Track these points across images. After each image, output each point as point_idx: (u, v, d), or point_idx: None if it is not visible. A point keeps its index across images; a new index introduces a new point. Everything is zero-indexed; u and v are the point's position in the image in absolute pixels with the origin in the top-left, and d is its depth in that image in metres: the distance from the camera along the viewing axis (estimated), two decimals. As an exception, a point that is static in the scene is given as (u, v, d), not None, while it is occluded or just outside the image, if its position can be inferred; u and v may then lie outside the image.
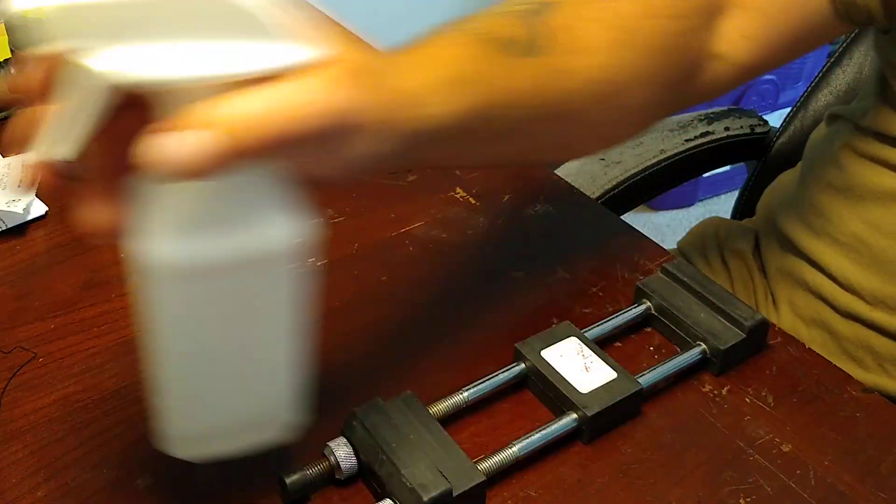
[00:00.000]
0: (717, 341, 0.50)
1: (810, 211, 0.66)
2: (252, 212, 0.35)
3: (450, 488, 0.41)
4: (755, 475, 0.46)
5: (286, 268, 0.36)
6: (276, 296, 0.37)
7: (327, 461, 0.44)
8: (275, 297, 0.37)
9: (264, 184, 0.35)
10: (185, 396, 0.39)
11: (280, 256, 0.36)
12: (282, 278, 0.36)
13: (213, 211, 0.34)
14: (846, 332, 0.64)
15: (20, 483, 0.44)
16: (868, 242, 0.61)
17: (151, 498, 0.44)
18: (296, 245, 0.36)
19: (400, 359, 0.52)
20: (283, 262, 0.36)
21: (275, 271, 0.36)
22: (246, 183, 0.34)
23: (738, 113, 0.95)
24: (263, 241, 0.35)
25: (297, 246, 0.36)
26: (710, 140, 0.91)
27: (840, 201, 0.64)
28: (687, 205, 2.03)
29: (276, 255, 0.36)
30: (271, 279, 0.36)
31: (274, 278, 0.36)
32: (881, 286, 0.61)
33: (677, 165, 0.89)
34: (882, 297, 0.61)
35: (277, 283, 0.37)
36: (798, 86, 1.96)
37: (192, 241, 0.34)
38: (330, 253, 0.60)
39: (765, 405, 0.49)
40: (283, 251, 0.36)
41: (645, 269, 0.60)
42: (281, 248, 0.35)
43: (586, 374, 0.48)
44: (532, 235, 0.63)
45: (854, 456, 0.47)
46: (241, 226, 0.34)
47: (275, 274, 0.36)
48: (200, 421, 0.40)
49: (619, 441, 0.47)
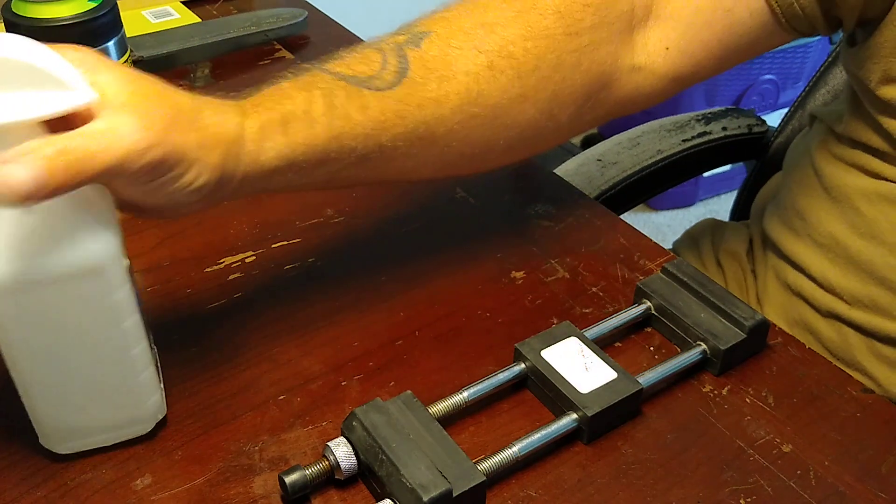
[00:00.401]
0: (717, 341, 0.50)
1: (791, 212, 0.67)
2: (71, 231, 0.39)
3: (450, 488, 0.41)
4: (755, 475, 0.46)
5: (109, 278, 0.40)
6: (105, 303, 0.41)
7: (327, 461, 0.44)
8: (104, 304, 0.41)
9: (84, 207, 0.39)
10: (45, 398, 0.43)
11: (99, 269, 0.40)
12: (106, 288, 0.41)
13: (35, 233, 0.38)
14: (827, 332, 0.64)
15: (20, 483, 0.44)
16: (845, 243, 0.62)
17: (151, 498, 0.44)
18: (114, 258, 0.40)
19: (400, 359, 0.52)
20: (104, 274, 0.40)
21: (98, 282, 0.40)
22: (66, 207, 0.38)
23: (736, 113, 0.95)
24: (83, 256, 0.39)
25: (115, 258, 0.40)
26: (707, 140, 0.91)
27: (818, 202, 0.64)
28: (687, 205, 2.03)
29: (96, 268, 0.40)
30: (96, 289, 0.40)
31: (98, 288, 0.40)
32: (859, 286, 0.61)
33: (675, 166, 0.89)
34: (860, 297, 0.61)
35: (103, 293, 0.41)
36: (799, 86, 1.96)
37: (16, 261, 0.38)
38: (330, 253, 0.60)
39: (765, 405, 0.49)
40: (101, 265, 0.40)
41: (645, 269, 0.60)
42: (99, 262, 0.39)
43: (586, 374, 0.48)
44: (532, 235, 0.63)
45: (854, 456, 0.47)
46: (62, 244, 0.39)
47: (98, 284, 0.40)
48: (64, 419, 0.44)
49: (619, 441, 0.47)
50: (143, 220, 0.58)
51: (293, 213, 0.64)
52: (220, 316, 0.55)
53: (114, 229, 0.40)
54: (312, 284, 0.58)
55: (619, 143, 0.90)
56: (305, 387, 0.50)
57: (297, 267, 0.59)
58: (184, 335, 0.53)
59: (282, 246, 0.61)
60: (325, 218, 0.64)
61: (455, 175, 0.64)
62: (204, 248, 0.61)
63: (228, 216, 0.64)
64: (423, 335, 0.54)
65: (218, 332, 0.54)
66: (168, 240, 0.61)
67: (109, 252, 0.40)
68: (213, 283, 0.57)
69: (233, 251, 0.60)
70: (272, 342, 0.53)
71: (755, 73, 1.90)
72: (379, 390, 0.50)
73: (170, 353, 0.52)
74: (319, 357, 0.52)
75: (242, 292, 0.57)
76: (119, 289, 0.41)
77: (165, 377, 0.49)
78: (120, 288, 0.41)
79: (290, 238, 0.62)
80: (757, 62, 1.88)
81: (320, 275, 0.58)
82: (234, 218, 0.63)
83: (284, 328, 0.54)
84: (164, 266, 0.59)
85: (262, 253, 0.60)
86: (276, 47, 0.87)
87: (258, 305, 0.56)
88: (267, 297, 0.56)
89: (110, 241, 0.40)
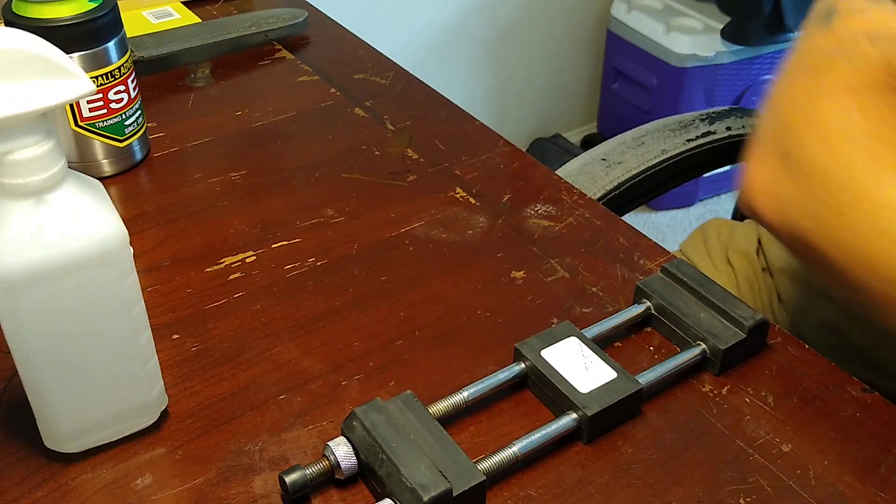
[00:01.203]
0: (717, 341, 0.50)
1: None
2: (83, 220, 0.39)
3: (450, 488, 0.41)
4: (755, 475, 0.46)
5: (121, 264, 0.41)
6: (116, 290, 0.41)
7: (327, 461, 0.44)
8: (116, 291, 0.41)
9: (92, 196, 0.40)
10: (56, 393, 0.43)
11: (113, 255, 0.40)
12: (119, 274, 0.41)
13: (48, 223, 0.38)
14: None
15: (20, 483, 0.44)
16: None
17: (152, 498, 0.44)
18: (124, 243, 0.41)
19: (400, 359, 0.52)
20: (117, 260, 0.41)
21: (111, 268, 0.41)
22: (76, 196, 0.39)
23: (740, 112, 0.95)
24: (97, 242, 0.39)
25: (126, 244, 0.41)
26: (711, 140, 0.91)
27: None
28: (687, 205, 2.03)
29: (110, 254, 0.40)
30: (109, 276, 0.41)
31: (111, 275, 0.41)
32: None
33: (679, 165, 0.89)
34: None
35: (115, 279, 0.41)
36: (798, 86, 1.95)
37: (31, 252, 0.38)
38: (330, 253, 0.60)
39: (765, 405, 0.49)
40: (114, 251, 0.40)
41: (645, 269, 0.60)
42: (112, 249, 0.40)
43: (586, 373, 0.48)
44: (532, 235, 0.63)
45: (854, 456, 0.47)
46: (76, 232, 0.39)
47: (111, 271, 0.41)
48: (75, 416, 0.44)
49: (619, 441, 0.47)
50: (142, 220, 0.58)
51: (293, 213, 0.64)
52: (220, 316, 0.55)
53: (118, 216, 0.41)
54: (312, 284, 0.58)
55: (623, 143, 0.90)
56: (305, 387, 0.50)
57: (297, 267, 0.59)
58: (184, 335, 0.53)
59: (282, 246, 0.61)
60: (325, 218, 0.64)
61: None
62: (204, 248, 0.61)
63: (228, 216, 0.64)
64: (423, 335, 0.54)
65: (218, 332, 0.54)
66: (168, 240, 0.61)
67: (120, 238, 0.40)
68: (213, 283, 0.57)
69: (233, 251, 0.60)
70: (272, 342, 0.53)
71: (755, 73, 1.90)
72: (379, 390, 0.50)
73: (170, 353, 0.52)
74: (319, 357, 0.52)
75: (242, 292, 0.57)
76: (129, 275, 0.42)
77: (166, 377, 0.49)
78: (130, 274, 0.42)
79: (290, 238, 0.62)
80: (757, 62, 1.88)
81: (320, 275, 0.59)
82: (234, 218, 0.63)
83: (284, 328, 0.54)
84: (164, 266, 0.59)
85: (262, 253, 0.60)
86: (276, 47, 0.87)
87: (258, 305, 0.56)
88: (267, 297, 0.56)
89: (120, 227, 0.40)
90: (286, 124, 0.75)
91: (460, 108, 0.78)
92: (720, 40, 1.82)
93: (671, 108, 1.90)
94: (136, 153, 0.69)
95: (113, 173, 0.68)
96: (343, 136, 0.74)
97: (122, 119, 0.66)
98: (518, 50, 2.04)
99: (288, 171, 0.69)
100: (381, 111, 0.77)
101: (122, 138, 0.67)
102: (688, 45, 1.84)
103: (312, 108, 0.78)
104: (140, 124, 0.69)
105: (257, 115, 0.76)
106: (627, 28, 1.96)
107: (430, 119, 0.76)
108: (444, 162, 0.70)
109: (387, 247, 0.61)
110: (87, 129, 0.65)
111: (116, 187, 0.67)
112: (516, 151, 0.72)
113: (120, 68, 0.65)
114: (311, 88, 0.81)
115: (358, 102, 0.78)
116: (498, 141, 0.74)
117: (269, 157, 0.71)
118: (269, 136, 0.74)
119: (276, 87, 0.81)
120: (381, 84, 0.82)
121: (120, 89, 0.65)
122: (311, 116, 0.76)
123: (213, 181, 0.67)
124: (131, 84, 0.66)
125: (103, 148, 0.67)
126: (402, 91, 0.81)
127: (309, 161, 0.70)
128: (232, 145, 0.72)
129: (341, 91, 0.80)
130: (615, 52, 2.03)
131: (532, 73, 2.11)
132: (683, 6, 1.93)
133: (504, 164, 0.71)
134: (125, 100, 0.66)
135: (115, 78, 0.65)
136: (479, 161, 0.71)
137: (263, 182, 0.68)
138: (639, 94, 1.99)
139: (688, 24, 1.87)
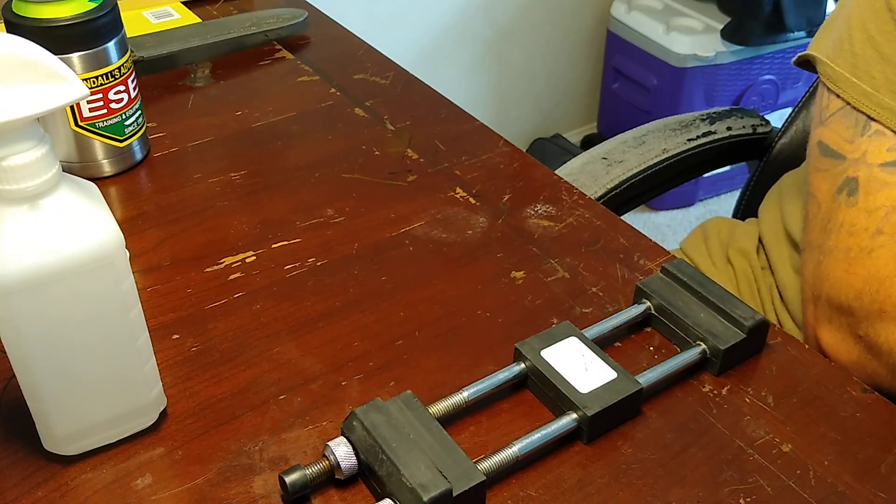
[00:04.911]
0: (717, 341, 0.50)
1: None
2: (80, 224, 0.39)
3: (450, 488, 0.41)
4: (755, 475, 0.46)
5: (118, 267, 0.41)
6: (114, 293, 0.41)
7: (327, 461, 0.44)
8: (113, 294, 0.41)
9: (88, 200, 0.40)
10: (55, 397, 0.43)
11: (110, 258, 0.40)
12: (116, 277, 0.41)
13: (45, 228, 0.38)
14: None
15: (20, 483, 0.44)
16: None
17: (151, 498, 0.44)
18: (121, 247, 0.41)
19: (400, 359, 0.52)
20: (115, 264, 0.41)
21: (109, 272, 0.41)
22: (73, 201, 0.39)
23: (741, 113, 0.95)
24: (95, 246, 0.39)
25: (122, 247, 0.41)
26: (712, 140, 0.91)
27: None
28: (687, 205, 2.03)
29: (107, 257, 0.40)
30: (107, 279, 0.41)
31: (109, 278, 0.41)
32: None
33: (679, 165, 0.89)
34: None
35: (113, 282, 0.41)
36: (798, 86, 1.96)
37: (30, 257, 0.38)
38: (330, 253, 0.60)
39: (765, 405, 0.49)
40: (112, 254, 0.40)
41: (645, 269, 0.60)
42: (110, 252, 0.40)
43: (586, 373, 0.48)
44: (532, 235, 0.63)
45: (854, 456, 0.47)
46: (73, 236, 0.39)
47: (109, 274, 0.41)
48: (74, 420, 0.44)
49: (619, 441, 0.47)
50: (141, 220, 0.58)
51: (293, 213, 0.64)
52: (220, 316, 0.55)
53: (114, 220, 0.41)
54: (312, 284, 0.58)
55: (624, 142, 0.90)
56: (305, 387, 0.50)
57: (297, 267, 0.59)
58: (184, 335, 0.53)
59: (282, 246, 0.61)
60: (325, 218, 0.64)
61: None
62: (204, 248, 0.61)
63: (228, 216, 0.64)
64: (423, 335, 0.54)
65: (218, 332, 0.54)
66: (168, 240, 0.61)
67: (116, 242, 0.40)
68: (213, 283, 0.57)
69: (233, 251, 0.60)
70: (272, 342, 0.53)
71: (755, 74, 1.90)
72: (379, 390, 0.50)
73: (170, 354, 0.52)
74: (319, 357, 0.52)
75: (242, 292, 0.57)
76: (126, 278, 0.42)
77: (166, 377, 0.49)
78: (126, 277, 0.42)
79: (290, 238, 0.62)
80: (757, 62, 1.88)
81: (320, 275, 0.59)
82: (234, 218, 0.63)
83: (284, 328, 0.54)
84: (164, 266, 0.59)
85: (262, 253, 0.60)
86: (276, 47, 0.87)
87: (258, 305, 0.56)
88: (267, 297, 0.56)
89: (116, 231, 0.40)
90: (286, 124, 0.75)
91: (460, 108, 0.78)
92: (720, 40, 1.82)
93: (671, 108, 1.90)
94: (136, 153, 0.69)
95: (113, 173, 0.68)
96: (343, 136, 0.74)
97: (122, 119, 0.66)
98: (518, 50, 2.04)
99: (288, 171, 0.69)
100: (381, 111, 0.77)
101: (122, 138, 0.67)
102: (688, 45, 1.84)
103: (312, 108, 0.78)
104: (140, 124, 0.69)
105: (257, 115, 0.76)
106: (627, 28, 1.96)
107: (430, 119, 0.76)
108: (444, 162, 0.70)
109: (387, 247, 0.61)
110: (87, 130, 0.65)
111: (116, 187, 0.67)
112: (516, 151, 0.72)
113: (120, 68, 0.65)
114: (311, 88, 0.81)
115: (358, 102, 0.79)
116: (498, 141, 0.74)
117: (268, 157, 0.71)
118: (269, 136, 0.74)
119: (276, 87, 0.81)
120: (381, 84, 0.82)
121: (120, 89, 0.65)
122: (311, 116, 0.76)
123: (213, 181, 0.67)
124: (131, 84, 0.66)
125: (103, 148, 0.67)
126: (402, 91, 0.81)
127: (309, 161, 0.70)
128: (232, 145, 0.72)
129: (341, 91, 0.80)
130: (615, 52, 2.03)
131: (532, 73, 2.11)
132: (683, 6, 1.93)
133: (504, 164, 0.71)
134: (125, 100, 0.66)
135: (115, 78, 0.65)
136: (479, 161, 0.71)
137: (263, 182, 0.68)
138: (639, 94, 1.99)
139: (688, 24, 1.87)
